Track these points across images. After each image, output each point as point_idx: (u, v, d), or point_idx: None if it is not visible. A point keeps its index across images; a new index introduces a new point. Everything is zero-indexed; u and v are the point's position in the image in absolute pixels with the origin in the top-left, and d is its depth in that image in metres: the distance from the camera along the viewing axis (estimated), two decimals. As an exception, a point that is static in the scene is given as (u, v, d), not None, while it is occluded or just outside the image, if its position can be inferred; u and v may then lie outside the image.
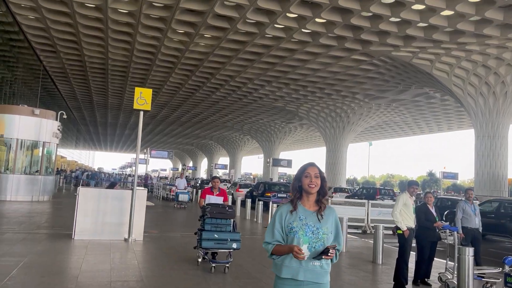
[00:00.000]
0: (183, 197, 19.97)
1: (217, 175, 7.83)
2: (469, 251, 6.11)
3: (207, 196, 7.89)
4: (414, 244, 7.43)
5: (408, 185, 7.39)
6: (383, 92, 28.38)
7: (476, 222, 8.33)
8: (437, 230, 7.39)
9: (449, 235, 7.44)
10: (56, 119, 19.23)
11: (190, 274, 6.93)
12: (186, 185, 22.90)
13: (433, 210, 7.46)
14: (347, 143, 35.91)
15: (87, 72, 27.83)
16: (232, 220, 7.40)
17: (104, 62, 25.35)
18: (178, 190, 21.04)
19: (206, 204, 7.47)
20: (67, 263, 7.32)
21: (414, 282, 7.38)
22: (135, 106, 9.14)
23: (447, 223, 7.71)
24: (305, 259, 2.62)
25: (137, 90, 9.21)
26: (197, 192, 26.61)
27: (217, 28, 19.22)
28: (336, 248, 2.74)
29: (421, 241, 7.37)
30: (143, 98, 9.11)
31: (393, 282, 6.87)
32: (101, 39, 21.42)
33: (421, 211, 7.44)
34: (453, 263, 7.18)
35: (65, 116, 19.87)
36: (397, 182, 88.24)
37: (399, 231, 7.00)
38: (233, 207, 7.58)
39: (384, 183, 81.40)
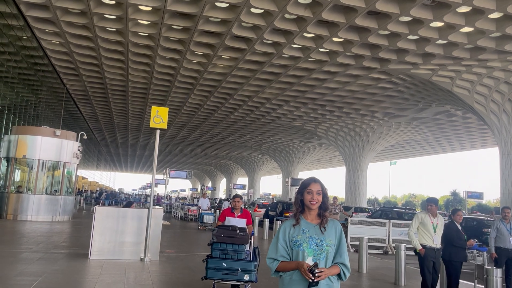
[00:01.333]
0: (208, 218, 18.79)
1: (239, 194, 7.09)
2: (498, 272, 5.80)
3: (227, 218, 6.83)
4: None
5: (427, 203, 7.15)
6: (403, 110, 28.00)
7: (511, 242, 7.93)
8: (466, 250, 7.05)
9: (478, 255, 7.11)
10: (77, 140, 19.56)
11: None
12: (209, 205, 21.66)
13: (460, 228, 7.15)
14: (367, 162, 35.37)
15: (108, 94, 28.39)
16: (245, 245, 6.15)
17: (124, 84, 25.84)
18: (203, 211, 19.66)
19: (217, 227, 6.44)
20: (82, 283, 7.25)
21: None
22: (152, 125, 9.19)
23: (476, 241, 7.37)
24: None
25: (154, 109, 9.27)
26: (215, 212, 26.51)
27: (234, 49, 19.40)
28: (339, 262, 2.74)
29: (451, 262, 6.87)
30: (159, 116, 9.16)
31: None
32: (121, 62, 21.88)
33: (452, 230, 6.98)
34: (482, 286, 6.82)
35: (85, 137, 20.20)
36: (419, 202, 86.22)
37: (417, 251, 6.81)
38: (246, 230, 6.15)
39: (405, 203, 79.68)
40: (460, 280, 7.39)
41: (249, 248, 6.16)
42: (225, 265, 5.89)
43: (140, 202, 36.90)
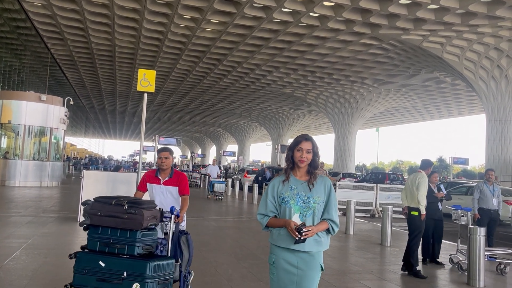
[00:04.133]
0: (219, 187, 17.10)
1: (168, 147, 4.71)
2: (481, 231, 5.96)
3: (149, 185, 4.47)
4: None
5: (428, 167, 7.14)
6: (393, 77, 27.96)
7: (494, 203, 8.13)
8: (441, 208, 7.26)
9: (462, 216, 7.28)
10: (63, 105, 19.25)
11: (195, 255, 6.85)
12: (219, 173, 19.66)
13: (435, 190, 7.34)
14: (355, 129, 35.57)
15: (94, 59, 27.78)
16: (155, 231, 3.52)
17: (111, 49, 25.25)
18: (213, 179, 17.77)
19: (94, 199, 3.54)
20: (71, 244, 7.30)
21: (423, 261, 7.30)
22: (139, 88, 9.01)
23: (444, 193, 7.47)
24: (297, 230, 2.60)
25: (141, 71, 9.06)
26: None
27: (223, 13, 18.96)
28: (326, 219, 2.74)
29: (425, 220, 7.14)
30: (146, 79, 8.97)
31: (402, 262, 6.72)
32: (107, 26, 21.29)
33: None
34: (465, 246, 7.03)
35: (72, 102, 19.88)
36: (406, 168, 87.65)
37: (414, 213, 6.62)
38: (141, 205, 3.39)
39: (393, 169, 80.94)
40: (443, 240, 7.60)
41: (169, 235, 3.68)
42: (103, 264, 3.31)
43: (130, 168, 36.91)
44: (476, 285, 5.84)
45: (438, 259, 7.30)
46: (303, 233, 2.55)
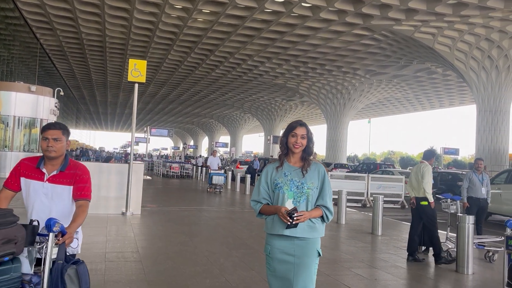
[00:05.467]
0: (218, 179, 16.45)
1: (57, 122, 2.96)
2: (469, 219, 6.03)
3: (25, 181, 2.91)
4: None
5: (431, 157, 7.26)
6: (384, 67, 28.01)
7: (482, 192, 8.24)
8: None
9: (451, 204, 7.37)
10: (53, 96, 19.06)
11: (187, 245, 6.89)
12: (220, 165, 18.81)
13: None
14: (348, 120, 35.68)
15: (84, 49, 27.46)
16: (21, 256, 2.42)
17: (101, 39, 24.97)
18: (212, 171, 16.99)
19: None
20: (63, 235, 7.28)
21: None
22: (130, 78, 8.97)
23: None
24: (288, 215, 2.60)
25: (132, 62, 9.02)
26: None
27: (215, 3, 18.80)
28: (321, 205, 2.74)
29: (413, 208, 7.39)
30: (137, 70, 8.93)
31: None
32: (97, 16, 21.03)
33: None
34: (454, 234, 7.13)
35: (62, 93, 19.69)
36: (398, 159, 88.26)
37: (423, 203, 6.72)
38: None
39: (384, 160, 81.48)
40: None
41: (45, 266, 2.39)
42: None
43: (121, 159, 36.78)
44: (464, 272, 5.94)
45: (430, 248, 7.38)
46: (295, 218, 2.53)
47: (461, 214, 6.31)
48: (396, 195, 16.07)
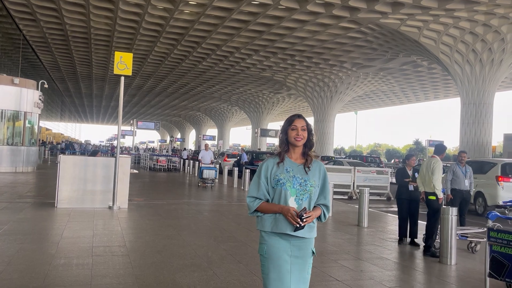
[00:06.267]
0: (208, 173, 15.81)
1: None
2: (452, 211, 6.15)
3: None
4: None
5: (442, 151, 7.37)
6: (371, 60, 28.17)
7: (466, 184, 8.41)
8: (412, 189, 7.53)
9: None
10: (37, 89, 18.76)
11: (175, 239, 6.90)
12: (213, 159, 18.14)
13: (411, 172, 7.67)
14: (334, 112, 35.87)
15: (69, 41, 27.03)
16: None
17: (86, 31, 24.60)
18: (203, 165, 16.49)
19: None
20: (48, 230, 7.22)
21: (399, 241, 7.55)
22: (116, 71, 8.88)
23: (410, 180, 7.71)
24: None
25: (117, 54, 8.92)
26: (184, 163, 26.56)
27: (201, -6, 18.65)
28: (321, 204, 2.69)
29: (398, 200, 7.72)
30: (123, 62, 8.84)
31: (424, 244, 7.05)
32: (82, 7, 20.68)
33: (399, 173, 7.78)
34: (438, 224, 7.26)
35: (46, 86, 19.39)
36: (383, 151, 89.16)
37: (431, 197, 6.84)
38: None
39: (371, 152, 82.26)
40: (419, 221, 7.82)
41: None
42: None
43: (108, 152, 36.45)
44: (447, 263, 6.06)
45: (416, 240, 7.51)
46: (304, 220, 2.45)
47: (445, 206, 6.43)
48: (382, 187, 16.26)
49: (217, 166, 21.63)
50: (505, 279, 3.47)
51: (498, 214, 4.25)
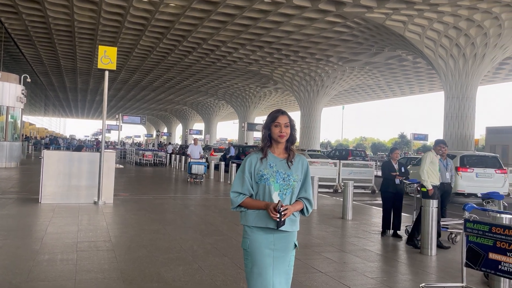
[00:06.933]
0: (197, 169, 15.43)
1: None
2: (433, 203, 6.28)
3: None
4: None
5: (435, 144, 7.49)
6: (357, 55, 28.34)
7: (447, 177, 8.55)
8: (399, 182, 7.64)
9: (417, 189, 7.65)
10: (20, 83, 18.48)
11: (160, 233, 6.91)
12: (202, 153, 17.71)
13: (396, 165, 7.73)
14: (321, 107, 36.05)
15: (52, 35, 26.60)
16: None
17: (70, 24, 24.23)
18: (192, 160, 16.07)
19: None
20: (32, 225, 7.17)
21: (382, 233, 7.68)
22: (100, 66, 8.80)
23: (397, 174, 7.83)
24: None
25: (101, 48, 8.84)
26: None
27: (187, -13, 18.52)
28: (303, 197, 2.72)
29: (383, 193, 7.82)
30: (107, 57, 8.77)
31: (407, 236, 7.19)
32: (65, -1, 20.38)
33: (385, 166, 7.84)
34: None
35: (28, 80, 19.10)
36: (369, 145, 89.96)
37: (423, 189, 6.96)
38: None
39: (357, 146, 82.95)
40: (402, 213, 7.97)
41: None
42: None
43: (93, 147, 36.11)
44: (428, 254, 6.21)
45: (398, 232, 7.65)
46: (282, 213, 2.49)
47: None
48: (367, 180, 16.45)
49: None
50: (480, 268, 3.58)
51: (475, 206, 4.37)
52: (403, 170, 7.84)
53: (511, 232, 3.33)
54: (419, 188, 7.20)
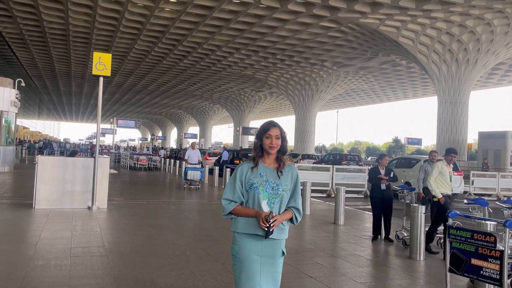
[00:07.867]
0: (193, 175, 14.85)
1: None
2: (422, 209, 6.39)
3: None
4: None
5: (446, 153, 7.44)
6: (351, 59, 28.56)
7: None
8: (384, 188, 7.80)
9: (407, 195, 7.77)
10: (14, 87, 18.47)
11: (154, 238, 6.97)
12: (200, 159, 17.09)
13: (383, 171, 7.92)
14: (315, 111, 36.24)
15: (47, 38, 26.63)
16: None
17: (65, 28, 24.28)
18: (189, 165, 15.57)
19: None
20: (26, 231, 7.21)
21: (373, 238, 7.78)
22: (94, 72, 8.87)
23: (387, 178, 7.92)
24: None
25: (96, 55, 8.90)
26: (165, 162, 26.49)
27: (182, -8, 18.64)
28: (293, 207, 2.79)
29: (371, 198, 7.99)
30: (102, 63, 8.83)
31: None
32: (60, 3, 20.44)
33: (371, 173, 8.04)
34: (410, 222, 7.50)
35: (23, 84, 19.10)
36: (364, 149, 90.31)
37: (435, 199, 7.00)
38: None
39: (351, 150, 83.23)
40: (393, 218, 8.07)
41: None
42: None
43: (87, 152, 36.02)
44: (416, 259, 6.31)
45: (390, 236, 7.76)
46: (271, 224, 2.56)
47: (415, 205, 6.67)
48: (360, 185, 16.57)
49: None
50: (463, 273, 3.68)
51: (458, 212, 4.48)
52: (391, 175, 7.95)
53: (492, 238, 3.44)
54: (431, 198, 7.21)
